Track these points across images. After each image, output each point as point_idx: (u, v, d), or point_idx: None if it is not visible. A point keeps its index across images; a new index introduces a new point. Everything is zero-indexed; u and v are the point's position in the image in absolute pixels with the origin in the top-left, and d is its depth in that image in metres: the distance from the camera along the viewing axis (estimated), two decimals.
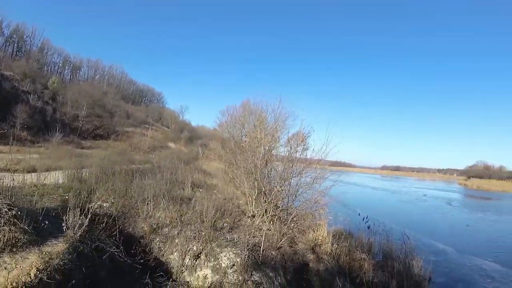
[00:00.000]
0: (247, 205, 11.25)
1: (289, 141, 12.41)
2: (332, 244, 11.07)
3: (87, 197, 7.97)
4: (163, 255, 7.15)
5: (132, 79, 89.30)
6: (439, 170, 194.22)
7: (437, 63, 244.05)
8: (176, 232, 7.60)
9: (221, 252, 7.12)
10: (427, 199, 45.20)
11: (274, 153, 12.72)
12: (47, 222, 5.32)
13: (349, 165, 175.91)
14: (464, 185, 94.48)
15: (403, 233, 11.95)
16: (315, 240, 11.11)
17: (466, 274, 12.75)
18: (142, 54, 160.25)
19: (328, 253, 10.69)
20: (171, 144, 49.66)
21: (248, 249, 7.30)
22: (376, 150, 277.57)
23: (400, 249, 11.49)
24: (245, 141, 14.53)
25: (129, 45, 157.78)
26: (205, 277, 6.68)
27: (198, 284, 6.57)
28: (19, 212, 5.00)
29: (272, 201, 10.62)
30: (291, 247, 9.87)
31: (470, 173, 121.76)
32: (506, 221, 28.53)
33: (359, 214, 14.81)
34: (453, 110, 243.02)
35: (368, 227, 13.58)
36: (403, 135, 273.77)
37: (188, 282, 6.63)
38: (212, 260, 6.94)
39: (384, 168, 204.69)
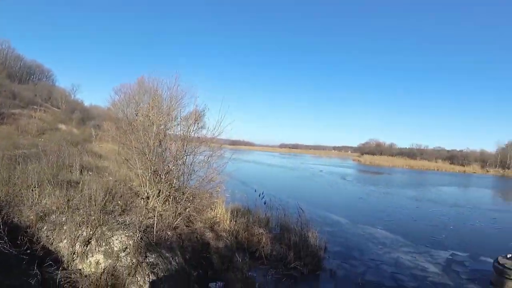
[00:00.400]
0: (141, 186, 11.39)
1: (183, 119, 12.88)
2: (231, 221, 11.99)
3: None
4: (52, 243, 7.04)
5: (19, 54, 77.68)
6: (334, 148, 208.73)
7: (337, 51, 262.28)
8: (64, 218, 7.50)
9: (112, 236, 7.31)
10: (323, 174, 49.89)
11: (170, 133, 13.02)
12: None
13: (249, 144, 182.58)
14: (357, 161, 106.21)
15: (298, 207, 13.46)
16: (213, 218, 11.94)
17: (359, 242, 14.36)
18: (29, 26, 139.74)
19: (226, 230, 11.56)
20: (62, 126, 45.45)
21: (141, 231, 7.60)
22: (275, 129, 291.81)
23: (296, 222, 12.70)
24: (137, 120, 14.49)
25: (15, 15, 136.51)
26: (97, 263, 6.84)
27: (91, 271, 6.69)
28: None
29: (167, 181, 11.03)
30: (188, 226, 10.45)
31: (363, 150, 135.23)
32: (395, 193, 32.56)
33: (255, 191, 16.09)
34: (346, 91, 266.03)
35: (265, 203, 14.79)
36: (300, 114, 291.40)
37: (80, 269, 6.70)
38: (103, 244, 7.12)
39: (282, 146, 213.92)
